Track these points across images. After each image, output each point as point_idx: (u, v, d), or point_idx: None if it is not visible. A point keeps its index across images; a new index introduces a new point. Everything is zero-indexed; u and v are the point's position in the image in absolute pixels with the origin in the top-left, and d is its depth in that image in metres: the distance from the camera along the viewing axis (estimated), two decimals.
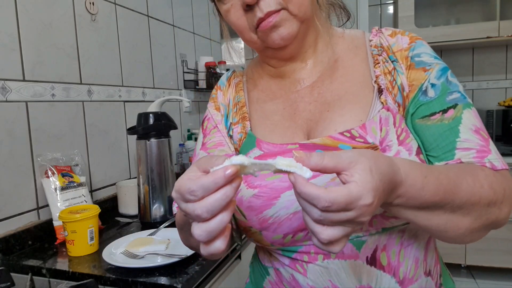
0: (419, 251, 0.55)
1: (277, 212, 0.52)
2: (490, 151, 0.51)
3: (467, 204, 0.46)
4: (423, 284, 0.55)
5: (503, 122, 2.42)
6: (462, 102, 0.53)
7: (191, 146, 1.92)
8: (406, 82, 0.55)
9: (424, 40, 0.59)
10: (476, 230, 0.49)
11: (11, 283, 0.79)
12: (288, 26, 0.54)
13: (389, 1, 2.90)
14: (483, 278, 2.49)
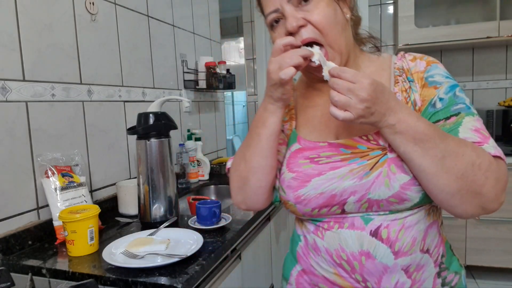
0: (418, 233, 0.66)
1: (308, 192, 0.69)
2: (487, 143, 0.61)
3: (453, 153, 0.57)
4: (417, 259, 0.66)
5: (503, 122, 2.41)
6: (465, 111, 0.64)
7: (191, 146, 1.92)
8: (419, 98, 0.67)
9: (439, 63, 0.71)
10: (464, 191, 0.58)
11: (11, 283, 0.79)
12: (330, 57, 0.67)
13: (389, 1, 2.90)
14: (483, 278, 2.49)
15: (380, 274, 0.66)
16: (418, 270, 0.67)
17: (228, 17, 3.87)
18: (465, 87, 2.82)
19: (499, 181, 0.58)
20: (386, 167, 0.64)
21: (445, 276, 0.70)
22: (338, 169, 0.67)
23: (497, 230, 2.39)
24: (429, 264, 0.68)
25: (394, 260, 0.65)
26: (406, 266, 0.66)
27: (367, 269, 0.66)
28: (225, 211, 1.32)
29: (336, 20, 0.67)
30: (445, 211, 0.66)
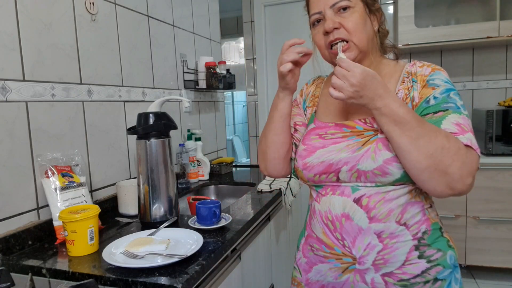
0: (396, 206, 0.78)
1: (312, 160, 0.85)
2: (463, 135, 0.72)
3: (426, 136, 0.69)
4: (392, 228, 0.78)
5: (503, 122, 2.41)
6: (453, 109, 0.75)
7: (191, 146, 1.92)
8: (417, 95, 0.80)
9: (444, 71, 0.83)
10: (432, 169, 0.69)
11: (11, 283, 0.79)
12: (350, 51, 0.82)
13: (389, 1, 2.90)
14: (483, 278, 2.49)
15: (355, 234, 0.80)
16: (392, 238, 0.79)
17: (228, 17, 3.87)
18: (465, 87, 2.83)
19: (465, 165, 0.69)
20: (374, 145, 0.78)
21: (424, 251, 0.79)
22: (338, 144, 0.83)
23: (497, 230, 2.39)
24: (405, 236, 0.79)
25: (368, 224, 0.79)
26: (379, 232, 0.79)
27: (345, 229, 0.81)
28: (225, 211, 1.32)
29: (365, 28, 0.83)
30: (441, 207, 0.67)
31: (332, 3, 0.82)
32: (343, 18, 0.81)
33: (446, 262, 0.80)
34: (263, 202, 1.47)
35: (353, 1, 0.82)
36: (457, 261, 0.83)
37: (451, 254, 0.81)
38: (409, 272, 0.78)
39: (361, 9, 0.83)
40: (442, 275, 0.79)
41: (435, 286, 0.79)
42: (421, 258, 0.79)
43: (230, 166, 2.23)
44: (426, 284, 0.78)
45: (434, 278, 0.79)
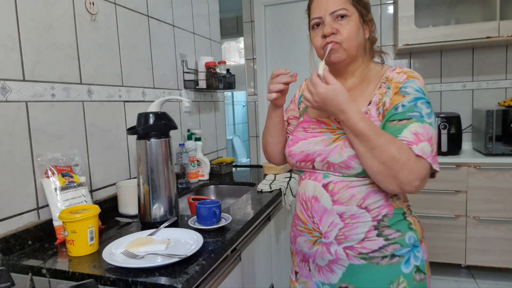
0: (358, 193, 0.90)
1: (295, 149, 1.01)
2: (416, 144, 0.81)
3: (380, 147, 0.81)
4: (352, 211, 0.91)
5: (503, 122, 2.42)
6: (416, 118, 0.84)
7: (191, 146, 1.92)
8: (388, 101, 0.90)
9: (418, 79, 0.91)
10: (384, 173, 0.82)
11: (11, 283, 0.79)
12: (340, 53, 0.94)
13: (389, 1, 2.90)
14: (483, 278, 2.49)
15: (321, 213, 0.94)
16: (352, 218, 0.91)
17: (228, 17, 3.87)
18: (465, 87, 2.83)
19: (412, 172, 0.80)
20: (342, 142, 0.91)
21: (383, 230, 0.90)
22: (315, 138, 0.98)
23: (497, 230, 2.39)
24: (365, 217, 0.91)
25: (332, 206, 0.92)
26: (341, 213, 0.92)
27: (314, 209, 0.95)
28: (225, 211, 1.32)
29: (357, 36, 0.94)
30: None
31: (332, 11, 0.93)
32: (340, 25, 0.93)
33: (404, 241, 0.91)
34: (263, 202, 1.47)
35: (350, 11, 0.93)
36: (418, 241, 0.93)
37: (411, 235, 0.92)
38: (368, 247, 0.91)
39: (356, 19, 0.94)
40: (399, 252, 0.90)
41: (393, 261, 0.90)
42: (379, 236, 0.90)
43: (230, 166, 2.23)
44: (384, 259, 0.90)
45: (392, 254, 0.90)
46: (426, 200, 2.50)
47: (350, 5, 0.93)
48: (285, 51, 3.21)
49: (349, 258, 0.92)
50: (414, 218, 0.96)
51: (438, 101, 2.90)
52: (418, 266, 0.92)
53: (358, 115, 0.83)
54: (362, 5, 0.95)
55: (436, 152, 0.85)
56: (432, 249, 2.53)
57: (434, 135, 0.84)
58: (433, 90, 2.89)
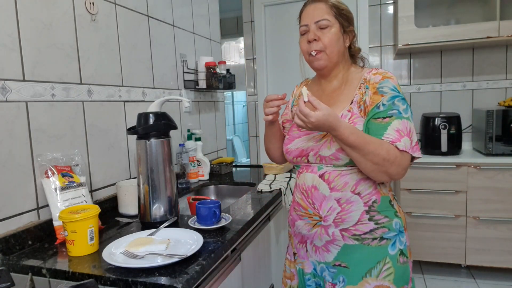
0: (350, 180, 1.04)
1: (291, 147, 1.14)
2: (399, 141, 0.97)
3: (371, 153, 0.95)
4: (347, 196, 1.04)
5: (503, 122, 2.41)
6: (396, 115, 0.99)
7: (191, 146, 1.92)
8: (369, 99, 1.03)
9: (392, 78, 1.04)
10: (376, 171, 0.97)
11: (11, 283, 0.79)
12: (323, 61, 1.09)
13: (389, 1, 2.90)
14: (483, 278, 2.49)
15: (321, 200, 1.07)
16: (348, 203, 1.04)
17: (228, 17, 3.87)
18: (465, 87, 2.83)
19: (400, 166, 0.97)
20: (330, 137, 1.04)
21: (373, 215, 1.04)
22: (308, 135, 1.11)
23: (497, 230, 2.39)
24: (359, 203, 1.04)
25: (330, 193, 1.05)
26: (338, 198, 1.05)
27: (314, 196, 1.08)
28: (225, 211, 1.32)
29: (337, 44, 1.08)
30: None
31: (316, 20, 1.07)
32: (322, 33, 1.07)
33: (391, 226, 1.05)
34: (263, 202, 1.47)
35: (331, 22, 1.07)
36: (403, 227, 1.07)
37: (397, 221, 1.06)
38: (360, 230, 1.04)
39: (337, 29, 1.08)
40: (387, 235, 1.05)
41: (381, 243, 1.04)
42: (370, 220, 1.04)
43: (230, 166, 2.23)
44: (374, 240, 1.04)
45: (381, 237, 1.04)
46: (426, 200, 2.50)
47: (332, 17, 1.07)
48: (285, 51, 3.21)
49: (344, 239, 1.06)
50: (399, 207, 1.10)
51: (438, 101, 2.90)
52: (402, 249, 1.06)
53: (348, 130, 0.95)
54: (344, 17, 1.09)
55: (416, 142, 0.99)
56: (432, 249, 2.53)
57: (411, 127, 1.00)
58: (433, 90, 2.89)
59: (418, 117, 2.92)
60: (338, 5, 1.09)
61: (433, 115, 2.65)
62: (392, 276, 1.03)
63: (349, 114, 1.05)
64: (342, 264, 1.07)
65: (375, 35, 2.96)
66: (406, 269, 1.06)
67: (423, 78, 2.91)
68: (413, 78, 2.93)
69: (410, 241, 1.08)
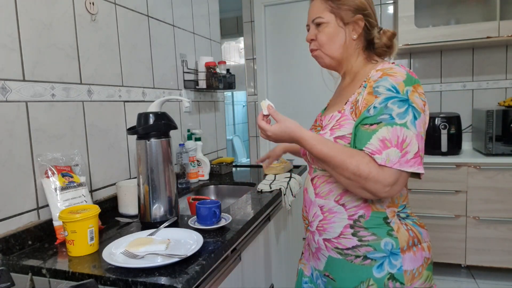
0: (335, 188, 0.97)
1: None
2: (380, 153, 0.83)
3: (339, 166, 0.86)
4: (330, 205, 0.97)
5: (503, 122, 2.42)
6: (385, 121, 0.84)
7: (191, 146, 1.92)
8: (361, 100, 0.91)
9: (392, 76, 0.88)
10: (352, 186, 0.87)
11: (11, 283, 0.79)
12: (321, 59, 1.04)
13: (389, 1, 2.90)
14: (483, 278, 2.49)
15: (309, 204, 1.04)
16: (330, 212, 0.97)
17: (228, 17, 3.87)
18: (465, 87, 2.83)
19: (377, 182, 0.83)
20: None
21: (358, 231, 0.94)
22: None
23: (497, 230, 2.39)
24: (342, 214, 0.95)
25: (314, 198, 1.01)
26: (321, 205, 0.99)
27: (305, 199, 1.07)
28: (225, 211, 1.32)
29: (336, 39, 0.99)
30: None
31: (312, 19, 1.01)
32: (318, 32, 1.00)
33: (379, 246, 0.92)
34: (263, 202, 1.47)
35: (325, 18, 0.98)
36: (398, 249, 0.91)
37: (388, 241, 0.92)
38: (343, 244, 0.95)
39: (333, 24, 0.98)
40: (371, 255, 0.92)
41: (365, 262, 0.93)
42: (354, 235, 0.94)
43: (230, 166, 2.23)
44: (357, 258, 0.93)
45: (364, 256, 0.92)
46: (426, 200, 2.50)
47: (327, 12, 0.98)
48: (285, 51, 3.21)
49: (328, 250, 0.99)
50: (400, 226, 0.94)
51: (438, 101, 2.90)
52: (393, 274, 0.90)
53: (312, 140, 0.90)
54: (345, 8, 0.97)
55: (415, 154, 0.83)
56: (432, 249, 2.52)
57: (408, 135, 0.83)
58: (433, 90, 2.89)
59: None
60: None
61: (433, 115, 2.65)
62: None
63: (338, 115, 0.96)
64: (330, 275, 1.00)
65: None
66: None
67: (423, 78, 2.91)
68: None
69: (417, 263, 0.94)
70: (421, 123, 0.86)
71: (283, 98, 3.27)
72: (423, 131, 0.87)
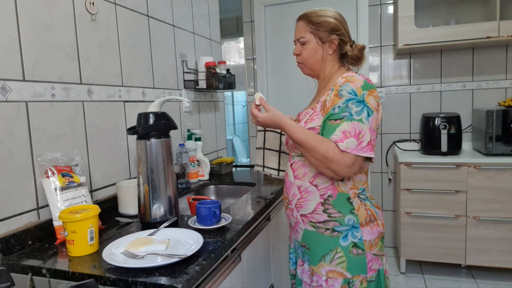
0: (309, 171, 1.17)
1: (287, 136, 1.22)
2: (342, 142, 1.06)
3: (312, 149, 1.08)
4: (305, 185, 1.17)
5: (503, 122, 2.41)
6: (346, 118, 1.07)
7: (191, 146, 1.92)
8: (329, 100, 1.13)
9: (352, 82, 1.11)
10: (320, 166, 1.10)
11: (11, 283, 0.79)
12: (304, 69, 1.29)
13: (389, 1, 2.90)
14: (483, 278, 2.49)
15: (289, 185, 1.23)
16: (306, 192, 1.17)
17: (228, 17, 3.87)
18: (465, 87, 2.83)
19: (340, 164, 1.06)
20: None
21: (328, 208, 1.15)
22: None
23: (497, 230, 2.39)
24: (315, 194, 1.16)
25: (294, 180, 1.21)
26: (299, 186, 1.19)
27: (286, 181, 1.26)
28: (225, 211, 1.32)
29: (315, 55, 1.22)
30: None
31: (297, 38, 1.25)
32: (302, 49, 1.23)
33: (343, 221, 1.14)
34: (263, 202, 1.47)
35: (307, 38, 1.21)
36: (358, 223, 1.14)
37: (350, 218, 1.14)
38: (316, 218, 1.17)
39: (314, 43, 1.21)
40: (338, 228, 1.14)
41: (333, 234, 1.15)
42: (324, 212, 1.15)
43: (230, 166, 2.23)
44: (327, 231, 1.15)
45: (332, 229, 1.15)
46: (426, 200, 2.50)
47: (308, 33, 1.21)
48: (285, 51, 3.21)
49: (304, 224, 1.20)
50: (360, 204, 1.16)
51: (438, 101, 2.90)
52: (355, 242, 1.14)
53: (293, 128, 1.11)
54: (322, 30, 1.20)
55: (367, 142, 1.06)
56: (432, 249, 2.53)
57: (363, 129, 1.06)
58: (433, 90, 2.89)
59: (418, 117, 2.92)
60: (314, 19, 1.20)
61: (433, 115, 2.65)
62: (344, 264, 1.13)
63: (311, 112, 1.18)
64: (306, 245, 1.21)
65: (375, 35, 2.96)
66: (361, 260, 1.14)
67: (423, 78, 2.91)
68: (413, 78, 2.93)
69: (374, 235, 1.16)
70: (373, 119, 1.08)
71: (283, 98, 3.27)
72: (375, 126, 1.10)
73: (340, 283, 1.13)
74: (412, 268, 2.70)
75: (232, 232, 1.14)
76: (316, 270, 1.17)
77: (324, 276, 1.15)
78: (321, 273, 1.16)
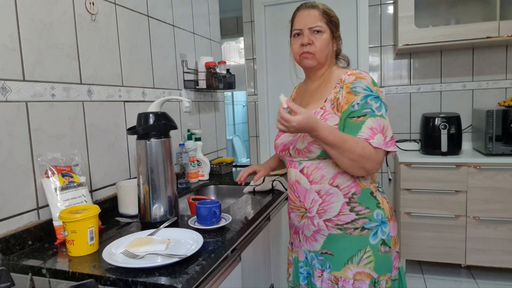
0: (327, 173, 1.13)
1: (277, 142, 1.27)
2: (373, 138, 1.05)
3: (347, 150, 1.03)
4: (326, 188, 1.13)
5: (503, 122, 2.41)
6: (369, 114, 1.07)
7: (191, 146, 1.92)
8: (342, 98, 1.11)
9: (364, 78, 1.10)
10: (354, 167, 1.06)
11: (11, 283, 0.79)
12: (311, 60, 1.19)
13: (389, 1, 2.90)
14: (483, 278, 2.49)
15: (304, 193, 1.17)
16: (328, 195, 1.13)
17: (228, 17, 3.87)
18: (465, 87, 2.83)
19: (374, 161, 1.05)
20: (302, 133, 1.14)
21: (354, 206, 1.12)
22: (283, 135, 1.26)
23: (497, 230, 2.39)
24: (338, 194, 1.12)
25: (310, 186, 1.15)
26: (318, 190, 1.14)
27: (299, 190, 1.19)
28: (225, 211, 1.32)
29: (327, 48, 1.19)
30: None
31: (310, 26, 1.17)
32: (315, 38, 1.17)
33: (372, 217, 1.12)
34: (263, 202, 1.47)
35: (323, 28, 1.17)
36: (386, 218, 1.14)
37: (379, 212, 1.13)
38: (343, 220, 1.12)
39: (328, 34, 1.18)
40: (368, 226, 1.12)
41: (363, 233, 1.12)
42: (351, 211, 1.12)
43: (230, 166, 2.23)
44: (356, 230, 1.12)
45: (362, 227, 1.12)
46: (426, 200, 2.50)
47: (324, 23, 1.17)
48: (285, 51, 3.20)
49: (329, 229, 1.14)
50: (383, 198, 1.17)
51: (438, 101, 2.90)
52: (384, 239, 1.12)
53: (327, 130, 1.03)
54: (334, 24, 1.20)
55: (390, 137, 1.08)
56: (432, 249, 2.53)
57: (385, 124, 1.07)
58: (433, 90, 2.89)
59: (418, 117, 2.92)
60: (328, 12, 1.19)
61: (433, 115, 2.65)
62: (372, 264, 1.11)
63: (321, 111, 1.13)
64: (328, 252, 1.16)
65: (375, 35, 2.96)
66: (387, 258, 1.13)
67: (423, 78, 2.91)
68: (413, 78, 2.93)
69: (397, 232, 1.16)
70: (388, 114, 1.11)
71: None
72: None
73: (367, 284, 1.10)
74: (412, 268, 2.70)
75: (232, 232, 1.14)
76: (341, 275, 1.13)
77: (351, 279, 1.11)
78: (347, 276, 1.12)
